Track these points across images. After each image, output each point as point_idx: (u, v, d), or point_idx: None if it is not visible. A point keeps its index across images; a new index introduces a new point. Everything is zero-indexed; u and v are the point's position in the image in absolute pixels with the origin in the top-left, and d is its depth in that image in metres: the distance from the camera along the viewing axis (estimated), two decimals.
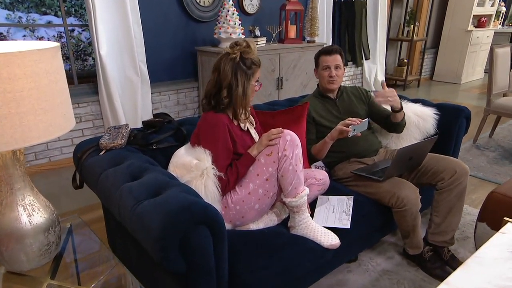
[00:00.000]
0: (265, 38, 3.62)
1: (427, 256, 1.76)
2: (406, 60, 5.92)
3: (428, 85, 6.40)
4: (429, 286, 1.70)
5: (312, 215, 1.60)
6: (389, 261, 1.86)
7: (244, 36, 3.35)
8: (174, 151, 1.58)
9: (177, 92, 3.54)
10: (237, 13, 3.26)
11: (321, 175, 1.71)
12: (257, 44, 3.43)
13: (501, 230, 1.10)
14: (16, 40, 1.15)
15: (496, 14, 6.69)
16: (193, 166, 1.40)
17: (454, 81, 6.54)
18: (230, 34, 3.21)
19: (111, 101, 3.00)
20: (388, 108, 1.98)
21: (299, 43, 3.77)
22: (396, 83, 6.11)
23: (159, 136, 1.69)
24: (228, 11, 3.21)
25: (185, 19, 3.44)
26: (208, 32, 3.59)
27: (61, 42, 3.76)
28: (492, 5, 6.50)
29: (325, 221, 1.56)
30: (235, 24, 3.23)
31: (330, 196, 1.72)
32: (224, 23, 3.22)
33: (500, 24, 7.35)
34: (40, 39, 3.63)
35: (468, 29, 6.13)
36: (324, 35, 4.58)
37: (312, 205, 1.68)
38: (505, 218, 1.15)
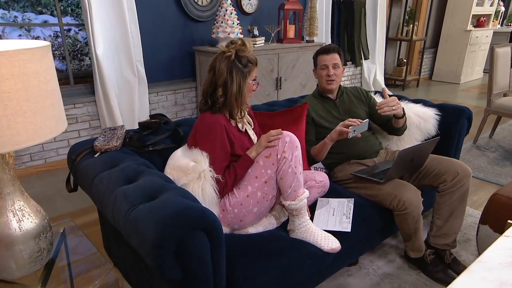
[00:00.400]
0: (263, 38, 3.59)
1: (428, 260, 1.73)
2: (405, 60, 5.89)
3: (427, 85, 6.38)
4: None
5: (312, 218, 1.57)
6: (390, 264, 1.83)
7: (242, 35, 3.32)
8: (171, 153, 1.54)
9: (175, 93, 3.51)
10: (235, 13, 3.22)
11: (321, 177, 1.68)
12: (256, 44, 3.39)
13: (505, 234, 1.07)
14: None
15: (495, 13, 6.67)
16: (190, 169, 1.36)
17: (453, 81, 6.52)
18: (228, 34, 3.18)
19: (108, 101, 2.96)
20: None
21: (298, 43, 3.74)
22: (395, 83, 6.08)
23: (155, 138, 1.66)
24: (226, 10, 3.17)
25: (182, 19, 3.40)
26: (206, 31, 3.55)
27: (57, 42, 3.72)
28: (491, 5, 6.48)
29: (325, 225, 1.53)
30: (233, 23, 3.19)
31: (330, 199, 1.69)
32: (222, 22, 3.19)
33: (499, 23, 7.33)
34: (36, 38, 3.59)
35: (467, 28, 6.11)
36: (323, 35, 4.55)
37: (312, 208, 1.65)
38: (509, 221, 1.12)
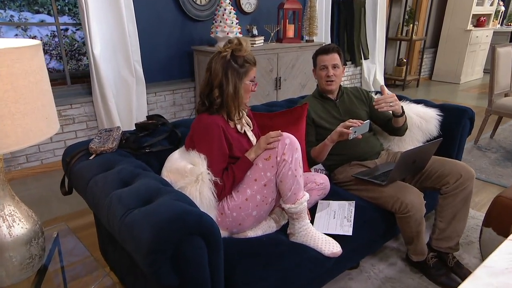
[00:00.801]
0: (263, 38, 3.56)
1: (431, 263, 1.69)
2: (405, 60, 5.87)
3: (427, 85, 6.35)
4: None
5: (312, 221, 1.54)
6: (391, 267, 1.80)
7: (241, 35, 3.28)
8: (168, 155, 1.51)
9: (173, 93, 3.47)
10: (234, 12, 3.19)
11: (321, 179, 1.65)
12: (255, 43, 3.36)
13: (510, 237, 1.04)
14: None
15: (495, 13, 6.65)
16: (188, 171, 1.33)
17: (453, 81, 6.50)
18: (227, 33, 3.15)
19: (105, 102, 2.93)
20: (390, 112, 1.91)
21: (298, 43, 3.71)
22: (395, 83, 6.05)
23: (152, 139, 1.62)
24: (225, 9, 3.14)
25: (181, 18, 3.37)
26: (205, 31, 3.52)
27: (54, 41, 3.68)
28: (491, 4, 6.46)
29: (326, 228, 1.50)
30: (232, 23, 3.16)
31: (330, 201, 1.65)
32: (221, 22, 3.15)
33: (499, 23, 7.31)
34: (33, 38, 3.56)
35: (468, 28, 6.08)
36: (323, 35, 4.52)
37: (312, 210, 1.62)
38: None
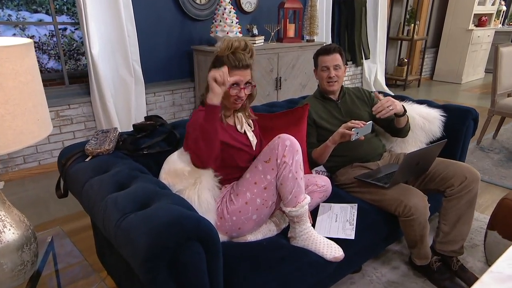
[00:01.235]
0: (263, 37, 3.53)
1: (435, 267, 1.66)
2: (406, 60, 5.83)
3: (429, 85, 6.32)
4: None
5: (313, 224, 1.51)
6: (394, 271, 1.77)
7: (241, 35, 3.25)
8: (166, 157, 1.47)
9: (172, 93, 3.44)
10: (234, 11, 3.16)
11: (322, 181, 1.61)
12: (255, 43, 3.33)
13: None
14: None
15: (496, 13, 6.61)
16: (186, 174, 1.30)
17: (454, 81, 6.46)
18: (227, 33, 3.11)
19: (104, 102, 2.89)
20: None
21: (298, 42, 3.67)
22: (396, 83, 6.02)
23: (150, 141, 1.59)
24: (225, 9, 3.11)
25: (180, 18, 3.33)
26: (205, 30, 3.48)
27: (52, 41, 3.65)
28: (493, 4, 6.42)
29: (328, 231, 1.47)
30: (232, 22, 3.13)
31: (332, 204, 1.62)
32: (220, 21, 3.12)
33: (501, 23, 7.27)
34: (31, 37, 3.52)
35: (469, 28, 6.05)
36: (324, 34, 4.49)
37: (313, 213, 1.58)
38: None
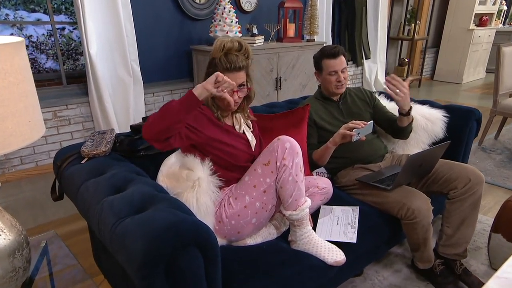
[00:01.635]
0: (263, 37, 3.50)
1: (438, 270, 1.63)
2: (407, 60, 5.80)
3: (429, 85, 6.29)
4: None
5: (314, 227, 1.48)
6: (396, 274, 1.74)
7: (241, 34, 3.22)
8: (164, 159, 1.45)
9: (171, 93, 3.41)
10: (233, 11, 3.12)
11: (323, 183, 1.58)
12: (255, 43, 3.30)
13: None
14: None
15: (497, 12, 6.58)
16: (184, 176, 1.27)
17: (455, 81, 6.43)
18: (227, 33, 3.08)
19: (102, 102, 2.86)
20: (396, 111, 1.85)
21: (298, 42, 3.64)
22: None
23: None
24: (224, 8, 3.08)
25: (179, 17, 3.30)
26: (204, 30, 3.46)
27: (51, 40, 3.61)
28: (494, 4, 6.40)
29: (329, 235, 1.43)
30: (232, 22, 3.10)
31: (333, 207, 1.59)
32: (220, 21, 3.09)
33: (501, 23, 7.24)
34: (29, 37, 3.49)
35: (470, 28, 6.02)
36: (324, 34, 4.45)
37: (314, 216, 1.55)
38: None
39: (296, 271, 1.27)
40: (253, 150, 1.47)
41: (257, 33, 3.48)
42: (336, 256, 1.32)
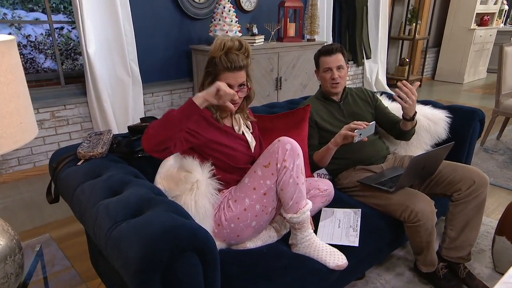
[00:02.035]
0: (263, 36, 3.47)
1: (441, 274, 1.60)
2: (407, 60, 5.77)
3: (430, 85, 6.26)
4: None
5: (315, 230, 1.45)
6: (399, 278, 1.71)
7: (241, 34, 3.19)
8: (162, 160, 1.42)
9: (171, 93, 3.38)
10: (233, 10, 3.10)
11: (325, 185, 1.55)
12: (255, 42, 3.27)
13: None
14: None
15: (499, 12, 6.55)
16: (182, 179, 1.24)
17: (456, 81, 6.40)
18: (227, 32, 3.05)
19: (100, 102, 2.83)
20: (398, 112, 1.82)
21: (299, 42, 3.61)
22: (397, 83, 5.94)
23: None
24: (224, 8, 3.05)
25: (179, 16, 3.27)
26: (204, 30, 3.43)
27: (49, 40, 3.58)
28: (495, 3, 6.36)
29: (330, 238, 1.40)
30: (232, 21, 3.07)
31: (335, 209, 1.56)
32: (220, 20, 3.06)
33: (503, 22, 7.20)
34: (27, 37, 3.47)
35: (471, 27, 5.98)
36: (324, 34, 4.42)
37: (315, 218, 1.52)
38: None
39: (297, 276, 1.24)
40: (253, 151, 1.44)
41: (257, 33, 3.45)
42: (338, 260, 1.29)
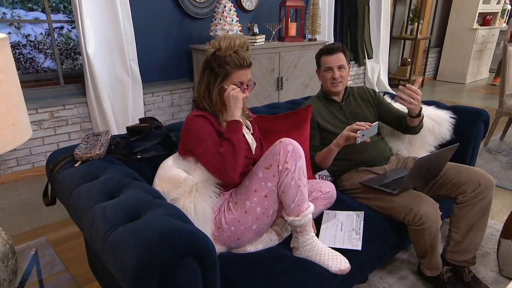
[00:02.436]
0: (264, 36, 3.44)
1: (445, 278, 1.57)
2: (409, 59, 5.73)
3: (432, 85, 6.22)
4: None
5: (317, 233, 1.42)
6: (402, 281, 1.68)
7: (242, 33, 3.16)
8: (161, 161, 1.39)
9: (171, 93, 3.35)
10: (234, 9, 3.07)
11: (327, 187, 1.52)
12: (256, 42, 3.24)
13: None
14: None
15: (501, 11, 6.51)
16: (181, 181, 1.21)
17: (458, 81, 6.36)
18: (227, 31, 3.02)
19: (100, 102, 2.81)
20: (403, 109, 1.79)
21: (300, 41, 3.58)
22: (399, 83, 5.92)
23: (144, 144, 1.50)
24: (225, 7, 3.02)
25: (179, 16, 3.24)
26: (204, 29, 3.40)
27: (49, 39, 3.56)
28: (498, 3, 6.32)
29: (333, 241, 1.38)
30: (232, 20, 3.04)
31: (337, 212, 1.53)
32: (220, 19, 3.03)
33: (505, 22, 7.15)
34: (27, 36, 3.44)
35: (473, 27, 5.95)
36: (326, 33, 4.39)
37: (317, 221, 1.49)
38: None
39: (298, 280, 1.21)
40: (254, 153, 1.41)
41: (258, 32, 3.42)
42: (341, 264, 1.26)
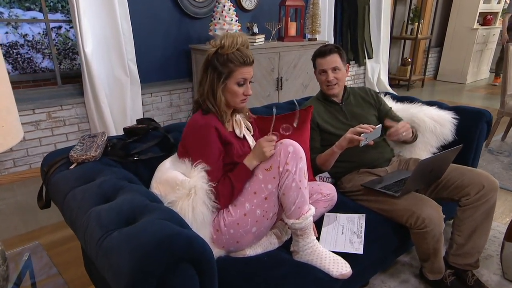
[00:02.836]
0: (263, 36, 3.41)
1: (448, 281, 1.54)
2: (410, 59, 5.71)
3: (432, 85, 6.20)
4: None
5: (318, 236, 1.39)
6: (403, 285, 1.65)
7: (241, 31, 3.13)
8: (159, 163, 1.36)
9: (170, 93, 3.32)
10: (233, 9, 3.04)
11: (328, 189, 1.50)
12: (255, 42, 3.21)
13: None
14: None
15: (502, 11, 6.48)
16: (179, 183, 1.18)
17: (459, 81, 6.34)
18: (226, 31, 2.99)
19: (98, 103, 2.78)
20: (402, 111, 1.76)
21: (300, 41, 3.55)
22: (399, 83, 5.89)
23: (142, 146, 1.47)
24: (224, 6, 2.99)
25: (178, 15, 3.22)
26: (203, 29, 3.37)
27: (47, 39, 3.53)
28: (498, 2, 6.30)
29: (334, 245, 1.35)
30: (232, 20, 3.01)
31: (338, 214, 1.50)
32: (220, 19, 3.00)
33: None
34: (24, 36, 3.41)
35: (474, 27, 5.92)
36: (326, 33, 4.37)
37: (318, 223, 1.47)
38: None
39: (298, 285, 1.18)
40: None
41: (257, 32, 3.39)
42: (342, 269, 1.24)
